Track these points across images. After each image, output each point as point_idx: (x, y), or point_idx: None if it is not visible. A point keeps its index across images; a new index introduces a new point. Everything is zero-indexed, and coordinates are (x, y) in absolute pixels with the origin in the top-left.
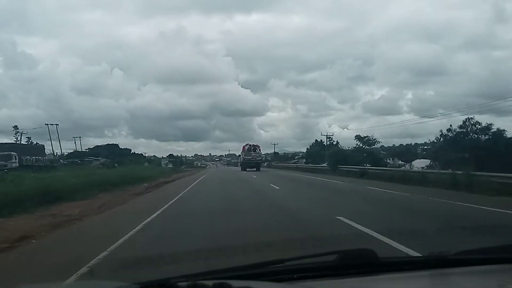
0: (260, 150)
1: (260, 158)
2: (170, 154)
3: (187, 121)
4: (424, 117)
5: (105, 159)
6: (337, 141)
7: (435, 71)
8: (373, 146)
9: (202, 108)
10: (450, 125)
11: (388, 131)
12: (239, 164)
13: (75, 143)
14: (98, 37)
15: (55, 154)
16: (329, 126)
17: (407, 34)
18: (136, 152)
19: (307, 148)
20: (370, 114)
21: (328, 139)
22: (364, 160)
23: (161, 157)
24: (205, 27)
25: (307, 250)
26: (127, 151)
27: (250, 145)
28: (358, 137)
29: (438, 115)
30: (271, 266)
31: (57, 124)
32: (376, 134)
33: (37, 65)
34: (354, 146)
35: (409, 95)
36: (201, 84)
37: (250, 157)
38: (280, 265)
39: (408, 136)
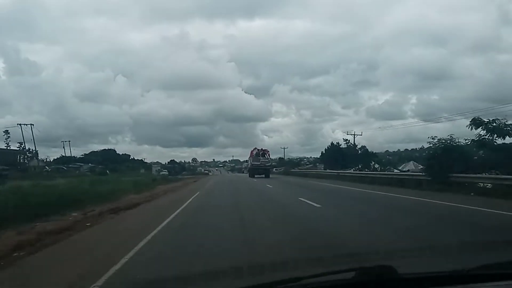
0: (269, 155)
1: (269, 164)
2: (171, 160)
3: (190, 127)
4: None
5: (96, 165)
6: (355, 144)
7: (440, 75)
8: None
9: (205, 114)
10: None
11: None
12: (247, 170)
13: (63, 147)
14: (102, 44)
15: (45, 159)
16: (333, 131)
17: (412, 38)
18: (135, 158)
19: (322, 152)
20: (374, 119)
21: (347, 142)
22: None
23: (151, 162)
24: (208, 33)
25: None
26: (126, 156)
27: (258, 149)
28: (476, 122)
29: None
30: (289, 284)
31: (32, 124)
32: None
33: (41, 71)
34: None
35: (414, 100)
36: (205, 90)
37: (259, 163)
38: (298, 282)
39: None
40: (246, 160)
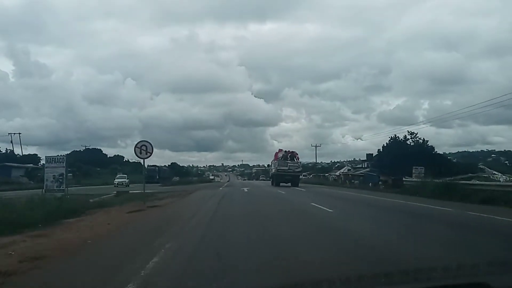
0: (298, 158)
1: (299, 169)
2: (172, 163)
3: (200, 131)
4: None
5: (32, 166)
6: (425, 140)
7: (454, 80)
8: None
9: (215, 118)
10: None
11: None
12: (268, 177)
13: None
14: (111, 47)
15: None
16: (343, 137)
17: (425, 42)
18: (130, 160)
19: (378, 150)
20: (385, 124)
21: (413, 136)
22: None
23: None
24: (219, 36)
25: None
26: (119, 158)
27: (286, 151)
28: None
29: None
30: None
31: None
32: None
33: (51, 74)
34: None
35: (426, 105)
36: (215, 93)
37: (286, 168)
38: None
39: None
40: (256, 165)
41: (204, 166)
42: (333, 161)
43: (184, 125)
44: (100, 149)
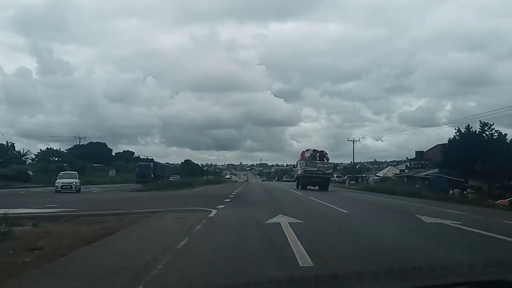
0: (328, 158)
1: (329, 171)
2: (186, 160)
3: (219, 130)
4: None
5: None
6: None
7: (478, 81)
8: None
9: (234, 117)
10: None
11: None
12: (293, 178)
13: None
14: (132, 45)
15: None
16: (363, 137)
17: (448, 43)
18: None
19: (451, 138)
20: (406, 125)
21: (487, 128)
22: None
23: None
24: (239, 35)
25: None
26: (128, 154)
27: (314, 150)
28: None
29: None
30: None
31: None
32: None
33: (73, 72)
34: None
35: (448, 106)
36: (234, 92)
37: (315, 169)
38: None
39: None
40: (275, 165)
41: (222, 165)
42: (353, 162)
43: (203, 124)
44: (105, 143)
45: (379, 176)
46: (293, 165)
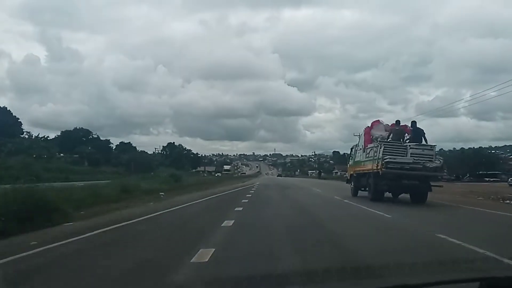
0: (427, 140)
1: (437, 163)
2: (169, 143)
3: (231, 120)
4: None
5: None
6: None
7: (498, 69)
8: None
9: (247, 106)
10: None
11: None
12: (347, 176)
13: None
14: (143, 33)
15: None
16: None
17: (469, 30)
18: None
19: None
20: (423, 115)
21: None
22: None
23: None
24: (252, 22)
25: None
26: (125, 146)
27: (397, 123)
28: None
29: None
30: None
31: None
32: None
33: (83, 60)
34: None
35: (468, 96)
36: (247, 81)
37: (408, 159)
38: None
39: None
40: (289, 155)
41: (234, 155)
42: None
43: (215, 113)
44: (88, 129)
45: None
46: (310, 156)
